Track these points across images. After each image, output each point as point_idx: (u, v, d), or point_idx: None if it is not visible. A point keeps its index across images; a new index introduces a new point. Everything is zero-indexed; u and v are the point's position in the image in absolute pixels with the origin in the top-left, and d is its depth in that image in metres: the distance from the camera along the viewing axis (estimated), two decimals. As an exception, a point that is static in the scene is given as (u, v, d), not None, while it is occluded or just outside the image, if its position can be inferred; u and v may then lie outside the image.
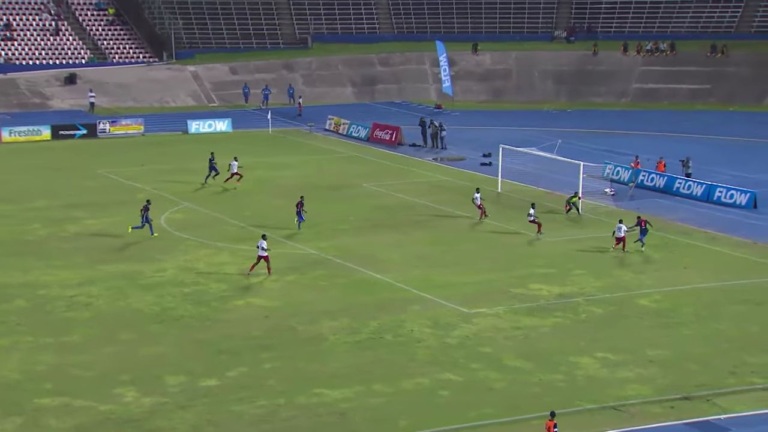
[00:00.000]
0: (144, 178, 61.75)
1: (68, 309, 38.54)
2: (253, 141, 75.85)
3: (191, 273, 43.11)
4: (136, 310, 38.67)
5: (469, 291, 41.01)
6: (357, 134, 78.06)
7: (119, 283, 41.57)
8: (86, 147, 72.90)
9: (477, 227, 51.16)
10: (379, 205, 52.63)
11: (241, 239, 48.25)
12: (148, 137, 76.96)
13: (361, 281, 42.37)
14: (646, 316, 38.52)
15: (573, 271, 43.88)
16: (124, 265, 44.12)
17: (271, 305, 39.19)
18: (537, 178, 60.41)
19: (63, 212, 53.18)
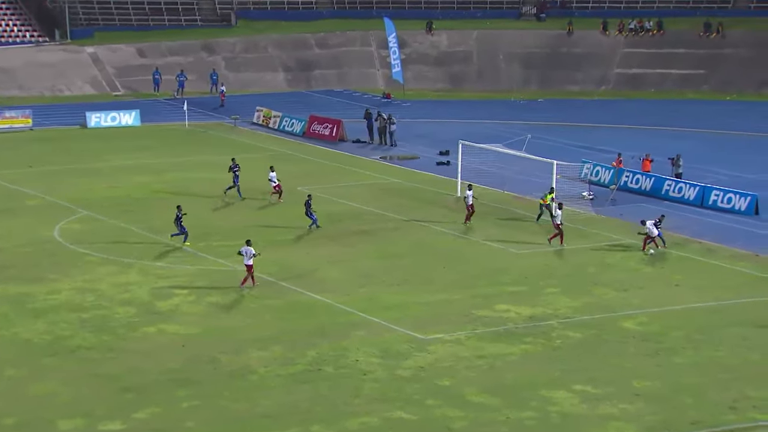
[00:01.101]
0: (33, 182, 61.09)
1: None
2: (165, 137, 75.53)
3: (91, 295, 42.77)
4: (24, 340, 38.25)
5: (423, 313, 41.15)
6: (291, 129, 78.18)
7: (3, 308, 41.09)
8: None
9: (432, 239, 51.35)
10: (318, 213, 52.62)
11: (152, 254, 47.93)
12: (38, 132, 76.29)
13: (296, 303, 42.36)
14: (630, 341, 38.89)
15: (546, 289, 44.22)
16: (9, 285, 43.63)
17: (189, 332, 39.02)
18: (503, 180, 60.82)
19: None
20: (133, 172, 61.35)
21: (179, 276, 44.89)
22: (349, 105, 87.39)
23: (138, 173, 63.44)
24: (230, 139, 75.20)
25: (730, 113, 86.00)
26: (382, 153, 71.43)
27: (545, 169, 56.67)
